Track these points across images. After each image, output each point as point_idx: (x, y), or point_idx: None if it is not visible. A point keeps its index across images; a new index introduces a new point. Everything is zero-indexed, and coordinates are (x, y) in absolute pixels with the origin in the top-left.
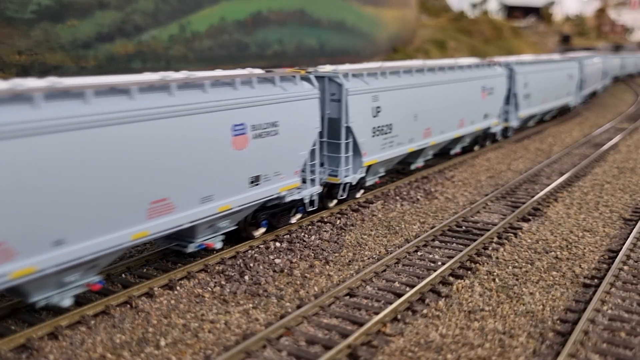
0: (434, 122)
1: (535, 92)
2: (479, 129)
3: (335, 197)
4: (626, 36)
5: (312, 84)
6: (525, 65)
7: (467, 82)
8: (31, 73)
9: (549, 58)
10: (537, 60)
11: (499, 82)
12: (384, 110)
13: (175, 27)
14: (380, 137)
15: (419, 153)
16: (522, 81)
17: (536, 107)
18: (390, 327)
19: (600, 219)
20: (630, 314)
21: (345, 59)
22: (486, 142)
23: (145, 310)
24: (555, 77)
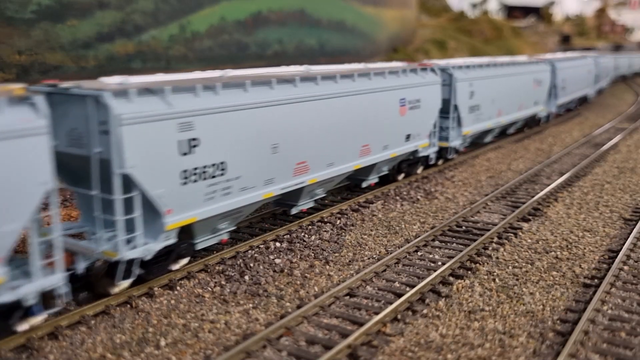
0: (313, 150)
1: (487, 102)
2: (395, 155)
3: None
4: (626, 36)
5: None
6: (471, 70)
7: (377, 93)
8: (31, 73)
9: (510, 60)
10: (491, 63)
11: (430, 92)
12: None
13: (175, 27)
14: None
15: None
16: (467, 90)
17: (488, 121)
18: (390, 327)
19: (601, 219)
20: (630, 314)
21: (345, 59)
22: (416, 168)
23: (146, 310)
24: (517, 84)
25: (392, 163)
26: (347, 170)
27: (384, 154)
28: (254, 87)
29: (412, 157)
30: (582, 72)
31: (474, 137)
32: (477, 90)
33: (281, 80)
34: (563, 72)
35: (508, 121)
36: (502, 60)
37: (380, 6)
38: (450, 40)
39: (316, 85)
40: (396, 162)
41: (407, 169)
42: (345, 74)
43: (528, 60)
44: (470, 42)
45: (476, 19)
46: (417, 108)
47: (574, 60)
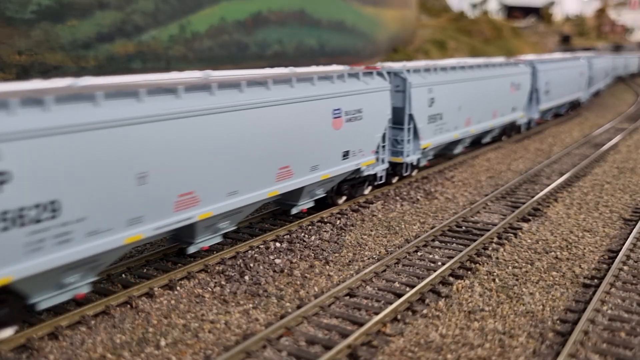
0: (204, 177)
1: (452, 110)
2: (328, 176)
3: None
4: (626, 36)
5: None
6: (431, 74)
7: (301, 104)
8: (31, 73)
9: (483, 62)
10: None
11: (377, 100)
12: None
13: (175, 27)
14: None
15: None
16: (425, 96)
17: (454, 131)
18: (390, 327)
19: (600, 219)
20: (630, 314)
21: (345, 59)
22: (362, 189)
23: (146, 310)
24: (490, 88)
25: (327, 185)
26: (258, 198)
27: (313, 175)
28: (111, 99)
29: (356, 177)
30: (572, 75)
31: (437, 149)
32: (438, 96)
33: (157, 90)
34: (546, 75)
35: (479, 130)
36: (471, 62)
37: (380, 6)
38: (450, 41)
39: (211, 95)
40: (334, 184)
41: (349, 190)
42: (257, 81)
43: (504, 61)
44: (470, 42)
45: (476, 19)
46: (357, 120)
47: (562, 62)
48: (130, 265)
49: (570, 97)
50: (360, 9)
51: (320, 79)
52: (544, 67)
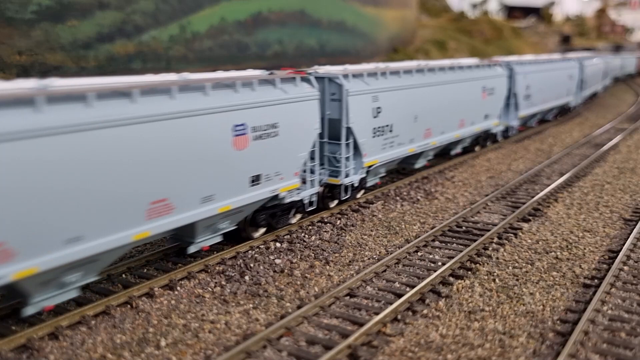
0: None
1: (405, 121)
2: (229, 208)
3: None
4: (626, 36)
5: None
6: (377, 79)
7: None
8: (31, 73)
9: (448, 64)
10: (413, 69)
11: (299, 112)
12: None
13: (175, 27)
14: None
15: None
16: (368, 105)
17: (409, 145)
18: (390, 327)
19: (601, 219)
20: (630, 314)
21: (346, 59)
22: (287, 218)
23: (146, 310)
24: (456, 94)
25: (235, 217)
26: (118, 243)
27: (205, 209)
28: None
29: (278, 204)
30: (560, 77)
31: (388, 166)
32: (387, 105)
33: None
34: (526, 78)
35: (443, 142)
36: (434, 65)
37: (381, 6)
38: (450, 41)
39: None
40: (245, 215)
41: (269, 220)
42: (113, 92)
43: (475, 63)
44: (471, 42)
45: (476, 19)
46: (271, 136)
47: (547, 64)
48: (130, 265)
49: (557, 102)
50: (360, 9)
51: (216, 88)
52: (523, 69)
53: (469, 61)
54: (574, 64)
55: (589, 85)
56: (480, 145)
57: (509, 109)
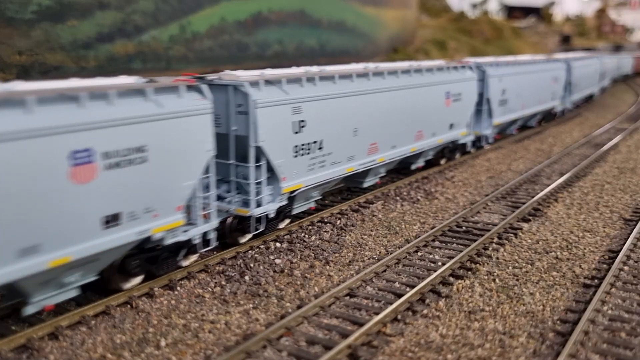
0: None
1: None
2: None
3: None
4: (626, 36)
5: (473, 71)
6: (298, 85)
7: None
8: (31, 73)
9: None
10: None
11: (177, 130)
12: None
13: (175, 27)
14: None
15: None
16: (285, 119)
17: (339, 166)
18: (390, 327)
19: (601, 219)
20: (630, 314)
21: (346, 59)
22: (172, 263)
23: (146, 310)
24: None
25: (91, 267)
26: None
27: (32, 262)
28: None
29: (158, 246)
30: (543, 80)
31: (322, 188)
32: (312, 117)
33: None
34: (502, 82)
35: (395, 158)
36: (384, 68)
37: (381, 6)
38: (450, 41)
39: None
40: (112, 260)
41: (144, 266)
42: None
43: (438, 65)
44: (471, 42)
45: (476, 19)
46: (133, 164)
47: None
48: None
49: (540, 107)
50: (360, 9)
51: (46, 102)
52: (498, 71)
53: (430, 63)
54: (560, 65)
55: (579, 88)
56: (447, 157)
57: (481, 117)
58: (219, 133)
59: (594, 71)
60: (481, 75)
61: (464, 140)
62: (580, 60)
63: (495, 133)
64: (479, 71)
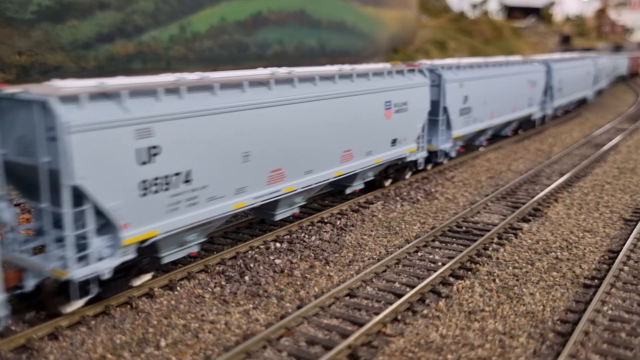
0: None
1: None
2: None
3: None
4: (626, 36)
5: (424, 75)
6: None
7: None
8: (31, 73)
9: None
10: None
11: None
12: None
13: (175, 27)
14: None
15: None
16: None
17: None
18: (390, 327)
19: (601, 220)
20: (630, 314)
21: (346, 59)
22: None
23: (146, 310)
24: None
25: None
26: None
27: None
28: None
29: None
30: (516, 85)
31: (198, 232)
32: (172, 142)
33: None
34: (463, 87)
35: (312, 184)
36: (298, 73)
37: (381, 6)
38: (450, 41)
39: None
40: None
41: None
42: None
43: (377, 69)
44: (471, 42)
45: (476, 20)
46: None
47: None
48: None
49: (515, 114)
50: (360, 9)
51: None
52: (458, 75)
53: (366, 67)
54: (539, 67)
55: (565, 92)
56: (392, 178)
57: (436, 128)
58: (26, 165)
59: (585, 73)
60: (436, 79)
61: (412, 158)
62: (565, 61)
63: (458, 146)
64: (433, 75)
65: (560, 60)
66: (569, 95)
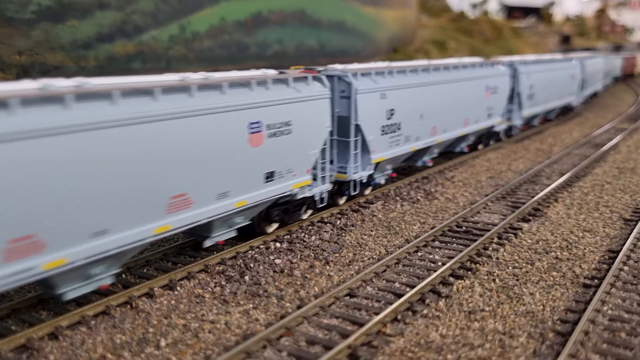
0: None
1: None
2: None
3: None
4: (626, 36)
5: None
6: None
7: None
8: (31, 73)
9: None
10: None
11: None
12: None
13: (175, 27)
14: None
15: None
16: None
17: None
18: (390, 327)
19: (601, 220)
20: (630, 314)
21: (346, 59)
22: None
23: (146, 310)
24: None
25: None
26: None
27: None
28: None
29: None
30: (468, 95)
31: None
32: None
33: None
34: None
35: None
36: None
37: (380, 6)
38: (450, 41)
39: None
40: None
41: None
42: None
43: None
44: (471, 42)
45: (476, 19)
46: None
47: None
48: (130, 265)
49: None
50: (360, 9)
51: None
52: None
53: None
54: (501, 70)
55: (539, 99)
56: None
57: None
58: None
59: (568, 77)
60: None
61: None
62: (539, 64)
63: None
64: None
65: (533, 62)
66: (546, 103)
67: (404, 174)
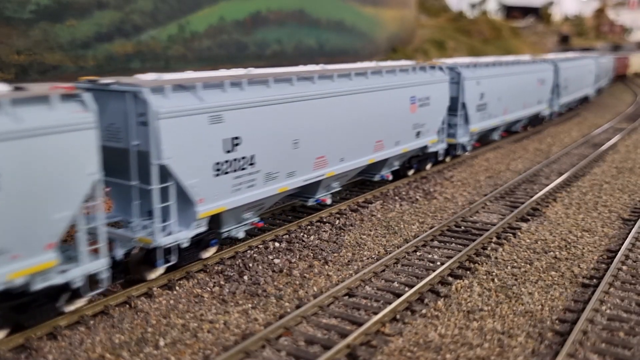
0: None
1: None
2: None
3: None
4: (625, 36)
5: (444, 72)
6: None
7: None
8: (30, 73)
9: None
10: None
11: None
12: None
13: (174, 27)
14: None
15: None
16: None
17: None
18: (389, 327)
19: (599, 219)
20: (628, 313)
21: (345, 59)
22: None
23: (145, 310)
24: None
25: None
26: None
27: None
28: None
29: None
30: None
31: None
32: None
33: None
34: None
35: None
36: None
37: (380, 6)
38: (449, 41)
39: None
40: None
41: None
42: None
43: None
44: (469, 42)
45: (475, 19)
46: None
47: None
48: None
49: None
50: (359, 8)
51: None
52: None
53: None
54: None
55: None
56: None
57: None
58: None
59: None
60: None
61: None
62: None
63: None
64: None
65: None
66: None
67: None
